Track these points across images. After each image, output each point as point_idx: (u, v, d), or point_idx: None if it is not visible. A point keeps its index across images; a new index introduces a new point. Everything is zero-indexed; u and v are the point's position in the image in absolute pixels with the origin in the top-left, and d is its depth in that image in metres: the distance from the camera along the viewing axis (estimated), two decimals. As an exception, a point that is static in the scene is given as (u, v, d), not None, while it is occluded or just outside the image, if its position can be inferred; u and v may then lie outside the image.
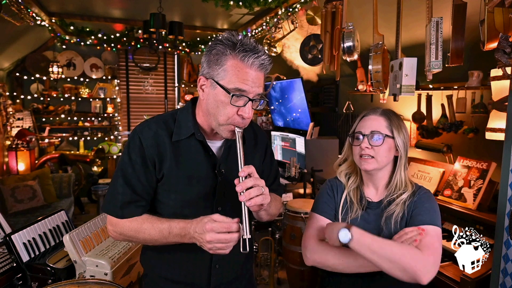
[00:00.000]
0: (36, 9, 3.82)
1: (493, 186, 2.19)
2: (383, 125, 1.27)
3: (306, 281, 2.80)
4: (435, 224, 1.21)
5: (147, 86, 5.73)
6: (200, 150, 1.16)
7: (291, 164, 3.89)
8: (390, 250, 1.12)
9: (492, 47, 1.63)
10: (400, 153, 1.28)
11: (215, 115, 1.09)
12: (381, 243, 1.13)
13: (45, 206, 4.05)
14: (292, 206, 2.81)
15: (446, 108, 2.72)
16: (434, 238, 1.17)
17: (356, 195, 1.34)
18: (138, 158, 1.11)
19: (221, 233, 0.97)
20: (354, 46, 2.33)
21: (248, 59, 1.03)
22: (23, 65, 4.98)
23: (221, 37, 1.07)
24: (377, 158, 1.26)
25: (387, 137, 1.25)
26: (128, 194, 1.12)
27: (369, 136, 1.26)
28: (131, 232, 1.12)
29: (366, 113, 1.32)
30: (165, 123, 1.16)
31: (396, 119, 1.29)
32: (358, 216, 1.31)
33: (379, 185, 1.33)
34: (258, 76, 1.06)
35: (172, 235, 1.07)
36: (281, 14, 3.66)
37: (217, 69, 1.05)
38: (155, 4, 3.65)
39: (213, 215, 1.01)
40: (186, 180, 1.14)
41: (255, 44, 1.07)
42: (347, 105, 3.95)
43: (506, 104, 1.77)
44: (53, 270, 1.40)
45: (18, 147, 4.35)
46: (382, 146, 1.25)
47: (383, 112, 1.30)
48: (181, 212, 1.15)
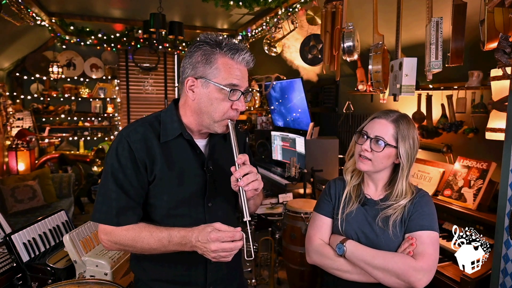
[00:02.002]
0: (36, 9, 3.82)
1: (493, 186, 2.19)
2: (390, 132, 1.26)
3: (306, 281, 2.80)
4: (432, 229, 1.23)
5: (147, 86, 5.73)
6: (188, 149, 1.18)
7: (291, 164, 3.88)
8: (383, 259, 1.18)
9: (492, 47, 1.63)
10: (402, 163, 1.26)
11: (210, 113, 1.12)
12: (374, 253, 1.20)
13: (45, 206, 4.05)
14: (292, 206, 2.81)
15: (446, 108, 2.72)
16: (428, 244, 1.20)
17: (356, 191, 1.37)
18: (129, 163, 1.10)
19: (225, 242, 0.99)
20: (354, 46, 2.33)
21: (237, 57, 1.11)
22: (23, 65, 4.98)
23: (203, 38, 1.12)
24: (373, 161, 1.27)
25: (388, 146, 1.25)
26: (123, 200, 1.10)
27: (373, 140, 1.26)
28: (128, 241, 1.09)
29: (379, 115, 1.31)
30: (151, 125, 1.16)
31: (406, 128, 1.26)
32: (354, 210, 1.33)
33: (378, 185, 1.35)
34: (245, 71, 1.15)
35: (172, 244, 1.06)
36: (281, 14, 3.66)
37: (209, 68, 1.10)
38: (155, 4, 3.65)
39: (215, 224, 1.02)
40: (177, 180, 1.15)
41: (237, 42, 1.15)
42: (347, 105, 3.95)
43: (506, 104, 1.77)
44: (53, 270, 1.40)
45: (18, 147, 4.36)
46: (381, 153, 1.26)
47: (395, 118, 1.28)
48: (174, 212, 1.15)
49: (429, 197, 1.31)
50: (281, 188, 3.80)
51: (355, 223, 1.30)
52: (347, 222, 1.32)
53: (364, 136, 1.29)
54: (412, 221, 1.25)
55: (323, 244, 1.32)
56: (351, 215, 1.32)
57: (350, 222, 1.31)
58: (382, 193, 1.34)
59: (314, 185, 3.66)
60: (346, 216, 1.32)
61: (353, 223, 1.31)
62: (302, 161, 3.96)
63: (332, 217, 1.37)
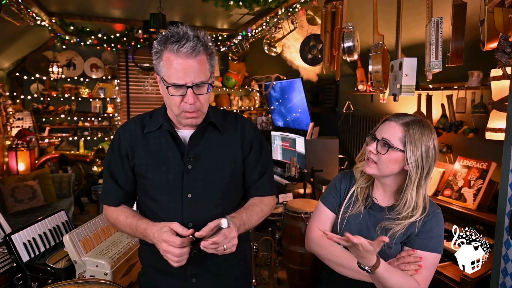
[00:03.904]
0: (36, 9, 3.81)
1: (493, 186, 2.19)
2: (397, 136, 1.19)
3: (306, 281, 2.80)
4: (437, 251, 1.21)
5: (147, 86, 5.73)
6: (170, 139, 1.23)
7: (291, 164, 3.89)
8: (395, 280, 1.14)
9: (492, 47, 1.63)
10: (410, 171, 1.18)
11: (170, 106, 1.19)
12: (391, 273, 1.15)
13: (45, 206, 4.05)
14: (292, 206, 2.81)
15: (446, 108, 2.72)
16: (430, 268, 1.20)
17: (364, 193, 1.32)
18: (116, 152, 1.26)
19: (172, 247, 1.03)
20: (354, 46, 2.33)
21: (177, 49, 1.07)
22: (23, 65, 4.97)
23: (160, 34, 1.15)
24: (379, 165, 1.22)
25: (393, 149, 1.19)
26: (110, 184, 1.27)
27: (379, 142, 1.22)
28: (112, 219, 1.28)
29: (390, 117, 1.25)
30: (141, 119, 1.29)
31: (418, 134, 1.17)
32: (358, 213, 1.30)
33: (386, 190, 1.29)
34: (190, 63, 1.08)
35: (138, 233, 1.18)
36: (281, 14, 3.66)
37: (158, 65, 1.14)
38: (155, 4, 3.65)
39: (172, 224, 1.07)
40: (154, 168, 1.22)
41: (188, 30, 1.10)
42: (347, 105, 3.96)
43: (506, 104, 1.77)
44: (53, 270, 1.40)
45: (18, 147, 4.35)
46: (386, 156, 1.20)
47: (406, 122, 1.20)
48: (155, 197, 1.23)
49: (441, 215, 1.25)
50: (281, 188, 3.80)
51: (355, 226, 1.29)
52: (348, 222, 1.31)
53: (373, 138, 1.25)
54: (418, 238, 1.22)
55: (322, 236, 1.30)
56: (355, 218, 1.30)
57: (350, 223, 1.30)
58: (390, 200, 1.29)
59: (314, 185, 3.66)
60: (349, 217, 1.31)
61: (352, 225, 1.29)
62: (302, 161, 3.96)
63: (334, 211, 1.36)
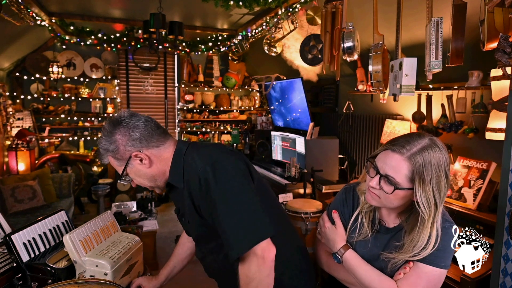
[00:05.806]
0: (36, 9, 3.81)
1: (493, 186, 2.19)
2: (403, 173, 1.01)
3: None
4: (438, 266, 1.07)
5: (147, 86, 5.73)
6: None
7: (291, 164, 3.89)
8: (364, 272, 1.14)
9: (492, 47, 1.63)
10: (422, 212, 1.01)
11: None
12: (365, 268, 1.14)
13: (45, 206, 4.05)
14: (292, 206, 2.80)
15: (446, 108, 2.72)
16: (422, 278, 1.06)
17: (369, 218, 1.19)
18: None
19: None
20: (354, 46, 2.33)
21: None
22: (23, 65, 4.98)
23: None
24: (382, 200, 1.07)
25: (400, 189, 1.02)
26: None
27: (382, 178, 1.04)
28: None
29: (393, 146, 1.05)
30: None
31: (428, 167, 1.00)
32: (365, 239, 1.19)
33: (392, 212, 1.17)
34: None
35: None
36: (281, 14, 3.66)
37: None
38: (155, 4, 3.65)
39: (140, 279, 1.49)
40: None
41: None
42: (347, 105, 3.96)
43: (506, 104, 1.77)
44: (53, 270, 1.40)
45: (18, 147, 4.35)
46: (392, 195, 1.04)
47: (412, 154, 1.01)
48: None
49: (450, 230, 1.08)
50: (281, 188, 3.80)
51: (360, 249, 1.20)
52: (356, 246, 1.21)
53: (375, 169, 1.06)
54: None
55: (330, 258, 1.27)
56: (360, 245, 1.20)
57: (357, 251, 1.20)
58: (396, 220, 1.17)
59: (314, 185, 3.66)
60: (357, 244, 1.20)
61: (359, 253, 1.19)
62: (302, 161, 3.96)
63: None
